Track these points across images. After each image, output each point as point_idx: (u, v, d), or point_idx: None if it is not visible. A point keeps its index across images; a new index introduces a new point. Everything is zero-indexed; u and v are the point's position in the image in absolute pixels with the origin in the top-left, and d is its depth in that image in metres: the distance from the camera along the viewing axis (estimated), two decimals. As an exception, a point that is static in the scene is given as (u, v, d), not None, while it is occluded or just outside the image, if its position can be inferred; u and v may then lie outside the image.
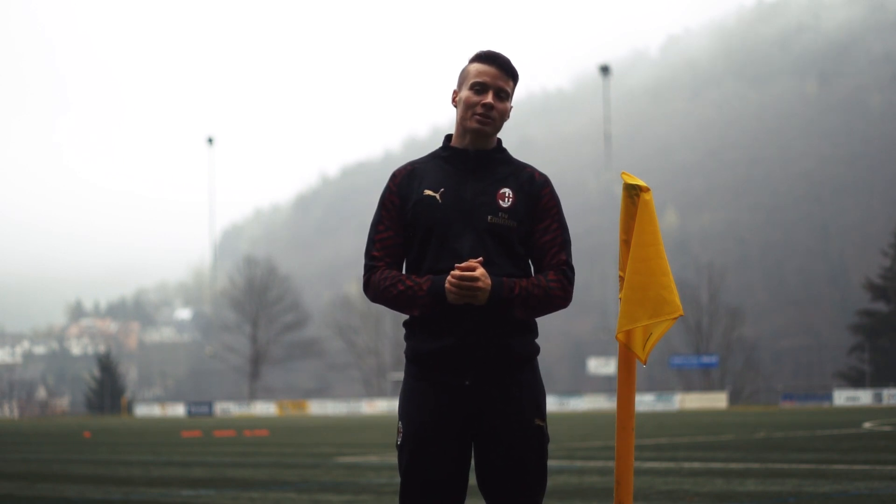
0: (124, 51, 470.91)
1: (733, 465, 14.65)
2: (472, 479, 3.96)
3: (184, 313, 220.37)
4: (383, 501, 10.76)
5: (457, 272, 3.67)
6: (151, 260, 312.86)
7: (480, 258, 3.72)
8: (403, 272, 3.90)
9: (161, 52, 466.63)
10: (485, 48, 3.95)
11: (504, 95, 3.87)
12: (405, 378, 3.93)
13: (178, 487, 13.16)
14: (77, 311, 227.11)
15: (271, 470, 16.30)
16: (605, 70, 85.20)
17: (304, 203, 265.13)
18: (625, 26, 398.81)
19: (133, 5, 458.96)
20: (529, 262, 3.90)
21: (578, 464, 15.71)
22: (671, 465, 15.16)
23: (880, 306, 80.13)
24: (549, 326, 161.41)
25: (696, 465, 15.05)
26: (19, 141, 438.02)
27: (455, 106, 3.92)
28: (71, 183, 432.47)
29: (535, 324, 3.91)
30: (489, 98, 3.84)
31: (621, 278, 3.92)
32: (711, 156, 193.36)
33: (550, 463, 15.60)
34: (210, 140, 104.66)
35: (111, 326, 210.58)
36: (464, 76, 3.91)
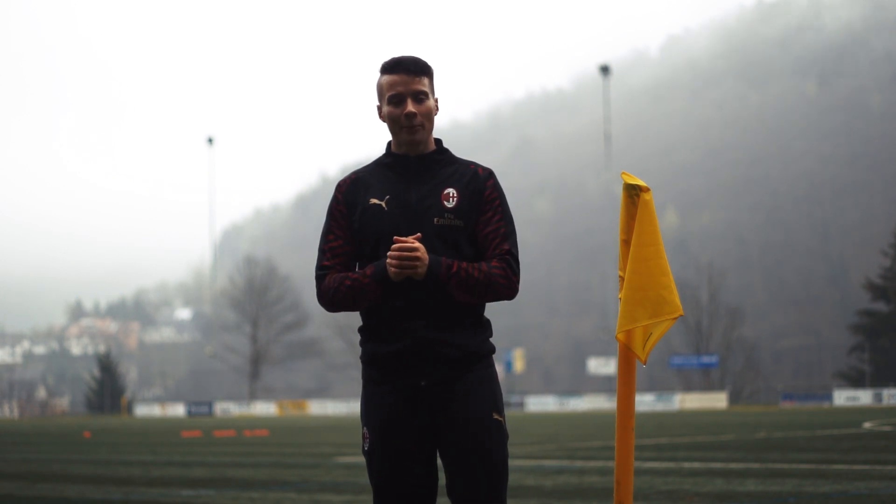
0: (124, 51, 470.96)
1: (733, 465, 14.65)
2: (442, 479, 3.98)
3: (184, 313, 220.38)
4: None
5: (395, 245, 3.70)
6: (151, 260, 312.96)
7: (418, 234, 3.74)
8: None
9: (161, 52, 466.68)
10: (388, 57, 3.95)
11: (423, 96, 3.86)
12: (364, 383, 3.96)
13: (178, 487, 13.16)
14: (77, 311, 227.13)
15: (271, 470, 16.30)
16: (605, 70, 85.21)
17: (304, 203, 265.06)
18: (625, 26, 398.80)
19: (133, 5, 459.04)
20: (481, 262, 3.89)
21: (578, 464, 15.71)
22: (671, 465, 15.16)
23: (880, 306, 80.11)
24: (550, 326, 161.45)
25: (696, 465, 15.05)
26: (19, 141, 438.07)
27: (383, 121, 3.93)
28: (71, 183, 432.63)
29: (489, 322, 3.94)
30: (409, 107, 3.84)
31: (621, 278, 3.92)
32: (711, 156, 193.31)
33: (550, 463, 15.64)
34: (210, 140, 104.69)
35: (111, 326, 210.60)
36: (379, 91, 3.93)
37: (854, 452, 16.94)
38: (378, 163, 3.97)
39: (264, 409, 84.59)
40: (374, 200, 3.87)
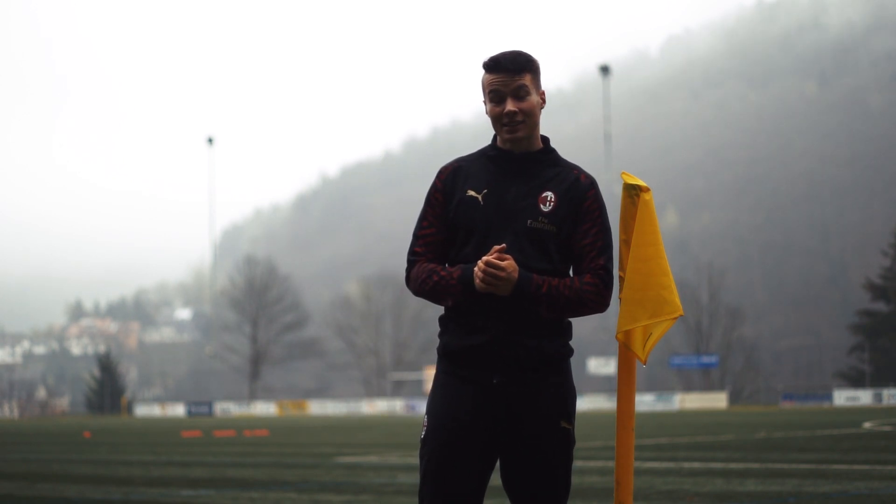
0: (124, 51, 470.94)
1: (733, 465, 14.65)
2: (496, 480, 3.96)
3: (184, 313, 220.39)
4: (383, 501, 10.76)
5: (486, 258, 3.68)
6: (151, 260, 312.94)
7: (503, 245, 3.70)
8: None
9: (161, 52, 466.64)
10: (492, 53, 3.89)
11: (523, 93, 3.82)
12: (436, 373, 3.93)
13: (178, 487, 13.16)
14: (77, 311, 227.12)
15: (271, 470, 16.30)
16: (605, 70, 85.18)
17: (304, 203, 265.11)
18: (625, 26, 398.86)
19: (132, 5, 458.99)
20: (568, 267, 3.88)
21: (578, 464, 15.71)
22: (671, 465, 15.16)
23: (880, 306, 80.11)
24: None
25: (696, 465, 15.05)
26: (19, 141, 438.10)
27: (489, 116, 3.92)
28: (71, 183, 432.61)
29: (570, 325, 3.89)
30: (509, 105, 3.81)
31: (621, 278, 3.92)
32: (711, 156, 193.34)
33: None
34: (210, 140, 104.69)
35: (111, 326, 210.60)
36: (483, 89, 3.90)
37: (854, 452, 16.94)
38: (482, 153, 3.93)
39: (264, 409, 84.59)
40: (471, 192, 3.84)
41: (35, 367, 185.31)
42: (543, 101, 3.89)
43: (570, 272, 3.88)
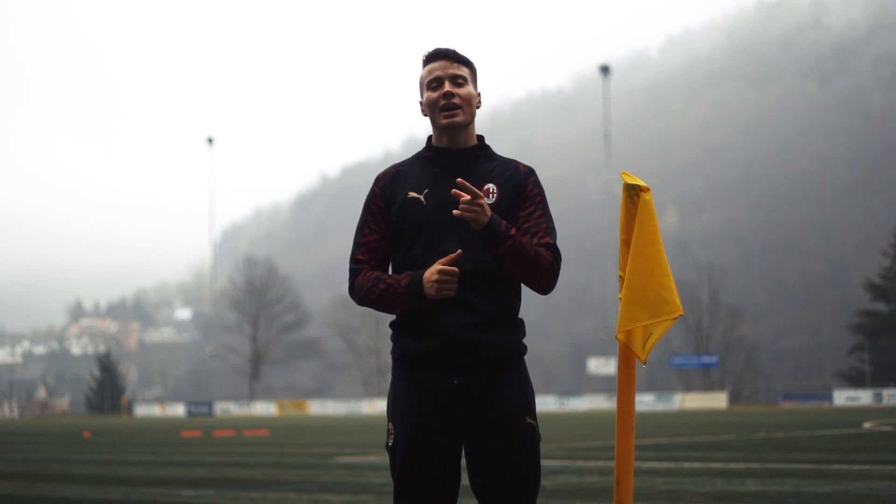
0: (124, 50, 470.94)
1: (733, 465, 14.64)
2: (465, 479, 3.95)
3: (184, 313, 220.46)
4: (383, 501, 10.76)
5: (439, 269, 3.66)
6: (151, 260, 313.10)
7: (459, 251, 3.68)
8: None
9: (161, 52, 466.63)
10: (429, 50, 3.93)
11: (461, 80, 3.85)
12: (393, 379, 3.91)
13: (178, 487, 13.15)
14: (77, 311, 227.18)
15: (271, 470, 16.30)
16: (605, 70, 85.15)
17: (304, 203, 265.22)
18: (625, 26, 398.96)
19: (133, 5, 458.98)
20: None
21: (578, 464, 15.71)
22: (671, 465, 15.15)
23: (880, 306, 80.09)
24: (550, 326, 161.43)
25: (696, 465, 15.05)
26: (19, 140, 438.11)
27: (425, 115, 3.91)
28: (71, 183, 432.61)
29: (523, 323, 3.90)
30: (446, 87, 3.83)
31: (621, 278, 3.92)
32: (711, 156, 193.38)
33: (550, 463, 15.63)
34: (210, 140, 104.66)
35: (111, 326, 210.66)
36: (420, 83, 3.92)
37: (854, 452, 16.93)
38: (418, 156, 3.93)
39: (264, 409, 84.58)
40: (412, 194, 3.83)
41: (35, 367, 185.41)
42: (479, 102, 3.92)
43: None
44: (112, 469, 17.32)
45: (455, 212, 3.64)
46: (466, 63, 3.88)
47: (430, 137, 3.93)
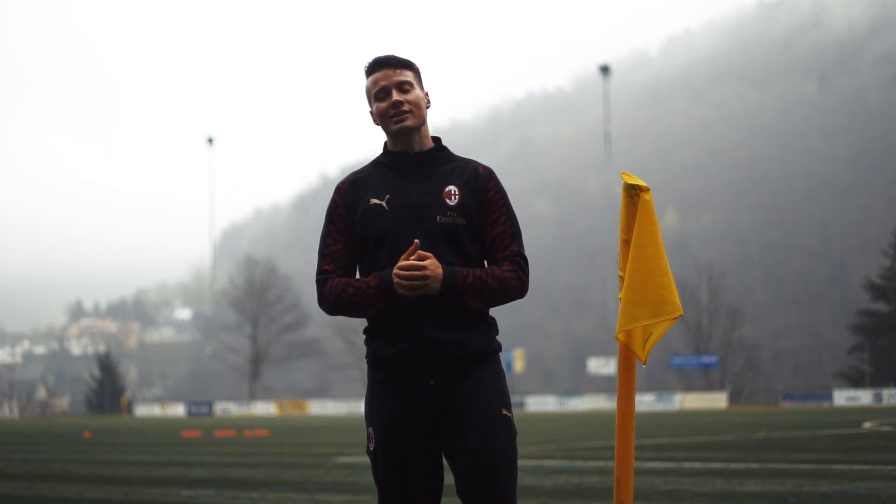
0: (124, 50, 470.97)
1: (733, 465, 14.64)
2: (448, 479, 3.95)
3: (184, 313, 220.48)
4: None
5: (402, 262, 3.66)
6: (151, 260, 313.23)
7: (416, 241, 3.69)
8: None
9: (161, 52, 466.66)
10: (369, 60, 3.95)
11: (407, 86, 3.86)
12: (369, 384, 3.93)
13: (178, 487, 13.15)
14: (77, 311, 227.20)
15: (271, 470, 16.30)
16: (605, 70, 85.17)
17: (304, 203, 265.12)
18: (625, 26, 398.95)
19: (133, 5, 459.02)
20: (482, 259, 3.88)
21: (578, 464, 15.71)
22: (671, 465, 15.15)
23: (880, 306, 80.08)
24: (550, 326, 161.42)
25: (696, 465, 15.05)
26: (19, 140, 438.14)
27: (377, 124, 3.92)
28: (71, 183, 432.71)
29: (495, 320, 3.91)
30: (394, 96, 3.84)
31: (621, 278, 3.92)
32: (711, 156, 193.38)
33: (550, 463, 15.64)
34: (210, 140, 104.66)
35: (111, 326, 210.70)
36: (367, 95, 3.94)
37: (854, 452, 16.93)
38: (376, 162, 3.93)
39: (264, 409, 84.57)
40: (374, 200, 3.82)
41: (35, 367, 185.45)
42: (429, 101, 3.93)
43: (485, 263, 3.88)
44: (112, 469, 17.32)
45: (399, 291, 3.65)
46: (409, 66, 3.90)
47: (386, 143, 3.94)
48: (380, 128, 3.92)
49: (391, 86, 3.85)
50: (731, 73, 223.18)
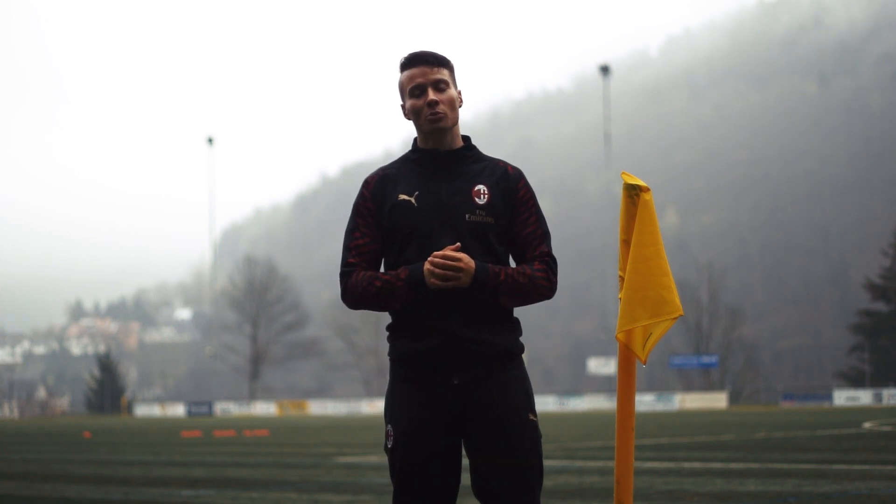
0: (124, 50, 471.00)
1: (733, 465, 14.64)
2: (465, 480, 3.95)
3: (184, 313, 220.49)
4: (383, 501, 10.76)
5: (437, 254, 3.67)
6: (151, 260, 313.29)
7: (458, 244, 3.70)
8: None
9: (161, 52, 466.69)
10: (408, 53, 3.91)
11: (443, 85, 3.84)
12: (391, 380, 3.90)
13: (178, 487, 13.15)
14: (77, 311, 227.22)
15: (271, 470, 16.30)
16: (605, 70, 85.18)
17: (304, 203, 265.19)
18: (625, 26, 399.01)
19: (133, 5, 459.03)
20: (510, 259, 3.88)
21: (578, 464, 15.71)
22: (671, 465, 15.15)
23: (880, 306, 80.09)
24: (550, 326, 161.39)
25: (696, 465, 15.05)
26: (19, 140, 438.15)
27: (409, 118, 3.90)
28: (71, 183, 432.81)
29: (518, 321, 3.90)
30: (430, 95, 3.82)
31: (621, 278, 3.92)
32: (711, 156, 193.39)
33: (550, 463, 15.63)
34: (210, 140, 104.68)
35: (111, 326, 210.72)
36: (401, 89, 3.90)
37: (854, 452, 16.93)
38: (405, 159, 3.92)
39: (264, 409, 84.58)
40: (403, 196, 3.81)
41: (35, 367, 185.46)
42: (461, 100, 3.92)
43: (512, 263, 3.88)
44: (112, 469, 17.32)
45: (430, 281, 3.66)
46: (445, 64, 3.88)
47: (416, 140, 3.93)
48: (411, 123, 3.90)
49: (427, 83, 3.83)
50: (731, 73, 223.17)
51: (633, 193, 3.90)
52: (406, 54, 3.90)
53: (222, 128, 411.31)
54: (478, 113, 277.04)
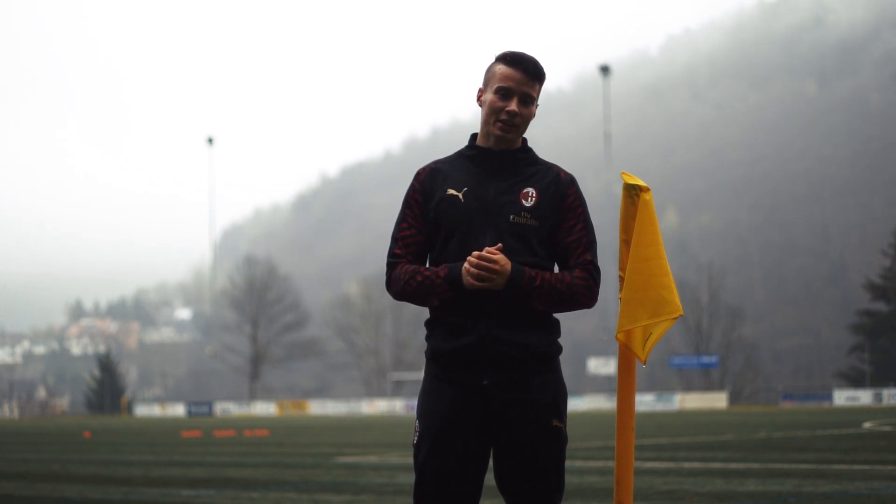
0: (125, 50, 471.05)
1: (733, 465, 14.64)
2: (490, 480, 3.95)
3: (184, 313, 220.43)
4: (383, 501, 10.75)
5: (475, 253, 3.68)
6: (151, 260, 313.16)
7: (500, 244, 3.71)
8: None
9: (162, 53, 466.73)
10: (511, 48, 3.90)
11: (529, 100, 3.85)
12: (425, 377, 3.92)
13: (178, 487, 13.15)
14: (77, 311, 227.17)
15: (271, 470, 16.30)
16: (605, 70, 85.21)
17: (304, 203, 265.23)
18: (625, 26, 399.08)
19: (135, 5, 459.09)
20: (552, 263, 3.87)
21: (578, 464, 15.70)
22: (671, 465, 15.15)
23: (880, 306, 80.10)
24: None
25: (696, 465, 15.05)
26: (20, 140, 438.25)
27: (480, 105, 3.90)
28: (72, 182, 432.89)
29: (558, 322, 3.90)
30: (513, 105, 3.82)
31: (621, 278, 3.92)
32: (711, 156, 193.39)
33: (550, 463, 15.62)
34: (210, 140, 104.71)
35: (111, 326, 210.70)
36: (489, 77, 3.89)
37: (854, 452, 16.93)
38: (460, 154, 3.93)
39: (264, 409, 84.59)
40: (451, 191, 3.83)
41: (35, 367, 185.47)
42: (534, 116, 3.92)
43: (555, 269, 3.88)
44: (112, 469, 17.32)
45: (466, 280, 3.67)
46: (541, 80, 3.87)
47: (474, 136, 3.94)
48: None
49: (517, 92, 3.83)
50: (731, 73, 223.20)
51: (633, 193, 3.90)
52: (511, 50, 3.88)
53: (222, 128, 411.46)
54: (477, 113, 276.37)
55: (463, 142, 4.07)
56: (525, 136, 3.98)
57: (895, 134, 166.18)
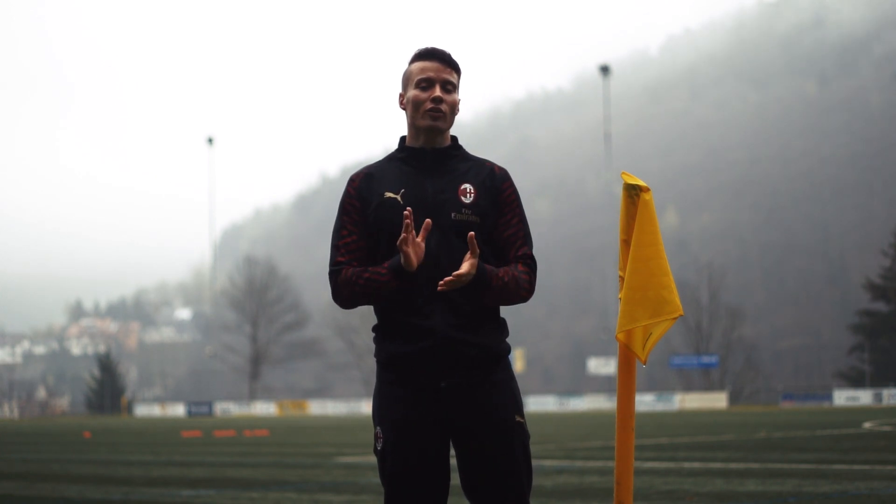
0: (125, 50, 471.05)
1: (733, 465, 14.64)
2: (454, 479, 3.94)
3: (184, 313, 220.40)
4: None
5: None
6: (151, 260, 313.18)
7: (428, 220, 3.69)
8: None
9: (162, 53, 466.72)
10: (424, 46, 3.94)
11: (451, 87, 3.85)
12: (378, 383, 3.88)
13: (178, 487, 13.15)
14: (77, 311, 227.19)
15: (271, 470, 16.30)
16: (605, 70, 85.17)
17: (304, 203, 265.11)
18: (625, 26, 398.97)
19: (135, 5, 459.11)
20: (493, 258, 3.87)
21: (578, 464, 15.70)
22: (671, 465, 15.15)
23: (880, 306, 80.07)
24: (550, 326, 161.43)
25: (696, 465, 15.05)
26: (20, 140, 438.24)
27: (403, 109, 3.89)
28: (71, 182, 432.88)
29: (505, 322, 3.90)
30: (437, 92, 3.82)
31: (621, 278, 3.92)
32: (711, 156, 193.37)
33: (550, 463, 15.63)
34: (210, 140, 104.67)
35: (111, 326, 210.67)
36: (407, 77, 3.90)
37: (854, 452, 16.93)
38: (391, 157, 3.92)
39: (264, 409, 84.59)
40: (388, 194, 3.81)
41: (35, 367, 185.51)
42: (458, 109, 3.93)
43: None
44: (112, 469, 17.31)
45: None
46: (457, 69, 3.89)
47: (402, 138, 3.93)
48: (403, 112, 3.89)
49: (437, 80, 3.84)
50: (731, 73, 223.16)
51: (633, 193, 3.90)
52: (422, 47, 3.92)
53: (222, 128, 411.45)
54: (478, 113, 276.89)
55: (463, 142, 4.07)
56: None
57: (895, 134, 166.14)
